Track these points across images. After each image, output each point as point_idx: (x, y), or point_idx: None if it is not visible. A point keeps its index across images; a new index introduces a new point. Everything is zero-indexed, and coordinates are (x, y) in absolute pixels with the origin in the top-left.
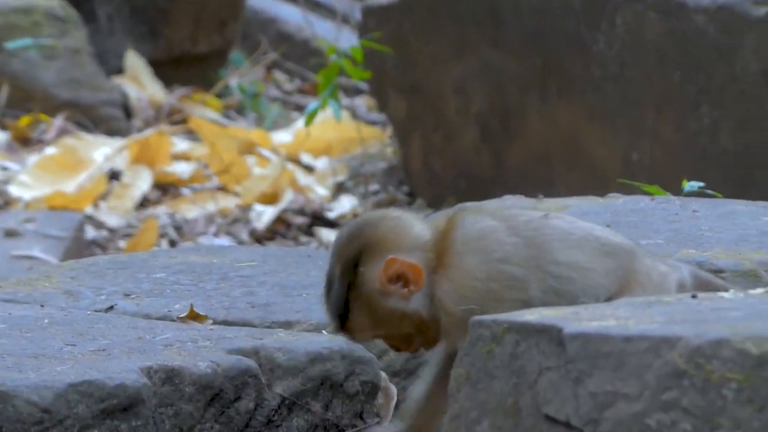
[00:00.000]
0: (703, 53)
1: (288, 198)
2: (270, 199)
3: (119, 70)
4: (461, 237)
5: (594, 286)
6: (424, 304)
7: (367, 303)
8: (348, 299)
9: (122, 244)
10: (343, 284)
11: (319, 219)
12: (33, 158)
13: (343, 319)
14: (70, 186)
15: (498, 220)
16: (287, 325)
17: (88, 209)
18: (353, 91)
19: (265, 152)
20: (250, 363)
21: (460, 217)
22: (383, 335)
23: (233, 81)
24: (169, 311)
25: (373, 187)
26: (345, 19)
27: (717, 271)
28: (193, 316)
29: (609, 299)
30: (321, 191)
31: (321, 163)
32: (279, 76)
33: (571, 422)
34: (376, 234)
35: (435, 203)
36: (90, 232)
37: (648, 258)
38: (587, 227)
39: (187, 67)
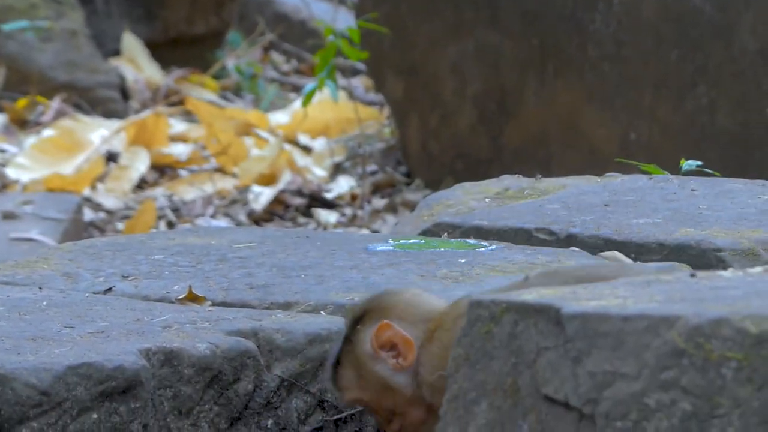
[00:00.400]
0: (701, 32)
1: (286, 179)
2: (268, 180)
3: (116, 52)
4: (452, 314)
5: None
6: (410, 383)
7: (357, 363)
8: (341, 353)
9: (120, 225)
10: (342, 339)
11: (317, 200)
12: (30, 140)
13: (335, 372)
14: (67, 168)
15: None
16: (286, 306)
17: (86, 191)
18: (350, 72)
19: (263, 133)
20: (249, 344)
21: (464, 297)
22: (367, 402)
23: (230, 62)
24: (168, 293)
25: (371, 167)
26: (342, 0)
27: (715, 250)
28: (192, 298)
29: None
30: (319, 172)
31: (319, 144)
32: (276, 57)
33: (570, 402)
34: (388, 300)
35: (433, 184)
36: (88, 214)
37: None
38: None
39: (184, 49)
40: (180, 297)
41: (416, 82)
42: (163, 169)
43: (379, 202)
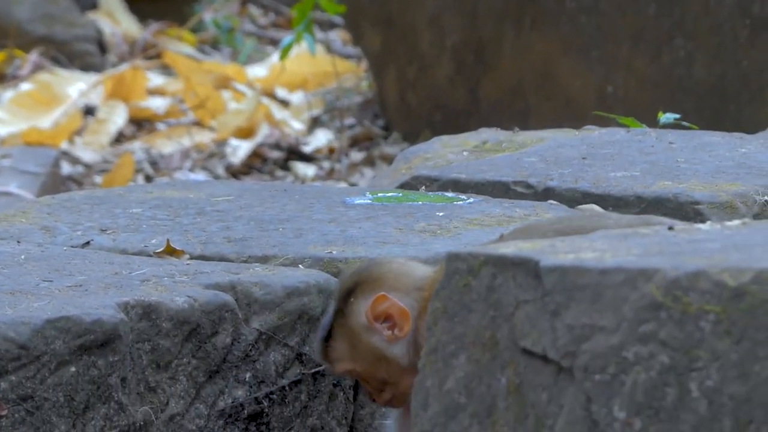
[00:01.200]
0: None
1: (263, 132)
2: (245, 133)
3: (93, 6)
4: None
5: None
6: (405, 352)
7: (350, 335)
8: (333, 326)
9: (98, 179)
10: (334, 311)
11: (294, 153)
12: (8, 94)
13: (326, 345)
14: (45, 122)
15: None
16: (264, 259)
17: (64, 145)
18: (328, 25)
19: (240, 87)
20: (227, 298)
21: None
22: (359, 373)
23: (208, 16)
24: (146, 246)
25: (349, 120)
26: None
27: (693, 203)
28: (170, 251)
29: None
30: (296, 125)
31: (296, 98)
32: (253, 10)
33: (548, 355)
34: (378, 271)
35: (410, 137)
36: (66, 168)
37: None
38: None
39: (161, 2)
40: (158, 250)
41: (394, 35)
42: (140, 123)
43: (356, 156)
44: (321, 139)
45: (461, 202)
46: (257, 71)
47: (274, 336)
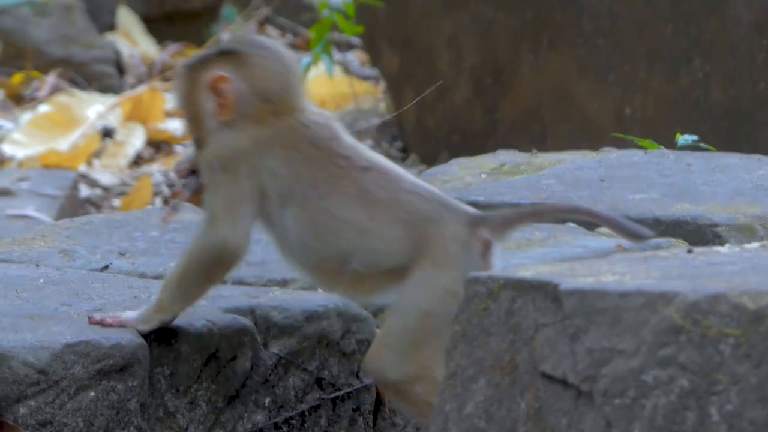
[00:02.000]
0: (695, 5)
1: None
2: None
3: (111, 27)
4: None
5: (371, 249)
6: (209, 128)
7: (192, 81)
8: (198, 64)
9: (116, 202)
10: (209, 53)
11: None
12: (26, 116)
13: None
14: (63, 144)
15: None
16: (283, 283)
17: (82, 167)
18: (346, 46)
19: None
20: (246, 322)
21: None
22: (180, 108)
23: (226, 37)
24: (164, 270)
25: (367, 142)
26: None
27: (712, 226)
28: None
29: (397, 266)
30: None
31: None
32: (271, 31)
33: (567, 379)
34: (256, 58)
35: (428, 158)
36: (84, 191)
37: (455, 225)
38: (403, 188)
39: (179, 23)
40: None
41: (412, 56)
42: (159, 145)
43: None
44: None
45: None
46: None
47: (293, 360)
